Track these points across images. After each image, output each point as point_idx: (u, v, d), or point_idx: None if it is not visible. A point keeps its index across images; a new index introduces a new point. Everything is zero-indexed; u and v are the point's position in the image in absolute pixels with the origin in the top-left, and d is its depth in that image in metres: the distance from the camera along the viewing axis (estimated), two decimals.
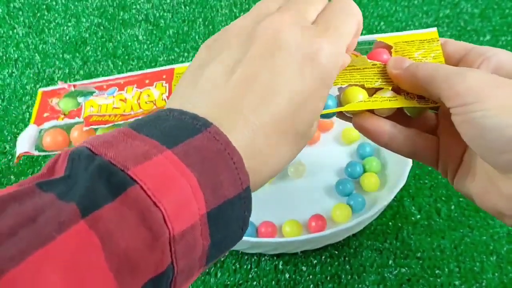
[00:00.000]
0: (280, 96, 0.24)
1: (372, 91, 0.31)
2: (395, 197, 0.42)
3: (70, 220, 0.18)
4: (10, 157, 0.49)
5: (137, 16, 0.61)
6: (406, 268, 0.41)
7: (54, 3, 0.62)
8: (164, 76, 0.35)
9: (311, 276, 0.41)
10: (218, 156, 0.21)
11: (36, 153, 0.34)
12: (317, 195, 0.45)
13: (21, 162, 0.48)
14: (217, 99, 0.24)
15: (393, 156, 0.46)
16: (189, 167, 0.20)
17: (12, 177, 0.47)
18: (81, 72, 0.56)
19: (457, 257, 0.42)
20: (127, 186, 0.19)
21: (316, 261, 0.42)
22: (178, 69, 0.35)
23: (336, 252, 0.42)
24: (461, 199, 0.45)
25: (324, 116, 0.32)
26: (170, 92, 0.34)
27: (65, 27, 0.60)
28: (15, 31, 0.60)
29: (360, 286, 0.41)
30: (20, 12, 0.62)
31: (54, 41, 0.59)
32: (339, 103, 0.32)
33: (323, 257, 0.42)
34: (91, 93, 0.35)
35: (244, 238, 0.39)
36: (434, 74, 0.27)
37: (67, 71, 0.56)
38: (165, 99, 0.34)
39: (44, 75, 0.56)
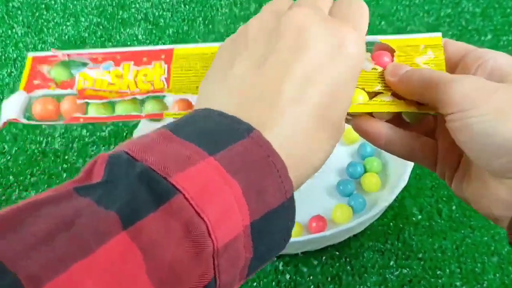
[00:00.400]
0: (315, 86, 0.23)
1: (372, 94, 0.31)
2: (396, 197, 0.42)
3: (111, 230, 0.17)
4: (9, 157, 0.49)
5: (136, 15, 0.61)
6: (408, 269, 0.41)
7: (53, 2, 0.62)
8: (162, 56, 0.34)
9: (311, 277, 0.41)
10: (261, 164, 0.21)
11: (25, 121, 0.32)
12: (318, 195, 0.45)
13: (20, 162, 0.48)
14: (248, 95, 0.23)
15: (394, 157, 0.45)
16: (233, 175, 0.20)
17: (10, 177, 0.47)
18: None
19: (458, 258, 0.42)
20: (171, 195, 0.18)
21: (316, 262, 0.42)
22: (177, 50, 0.33)
23: (337, 253, 0.42)
24: None
25: None
26: (169, 74, 0.33)
27: (64, 27, 0.60)
28: (14, 30, 0.60)
29: (361, 287, 0.40)
30: (19, 12, 0.61)
31: (53, 40, 0.59)
32: None
33: (324, 258, 0.42)
34: (85, 64, 0.34)
35: None
36: (429, 81, 0.27)
37: None
38: (163, 81, 0.33)
39: None
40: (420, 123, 0.32)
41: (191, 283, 0.18)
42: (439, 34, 0.31)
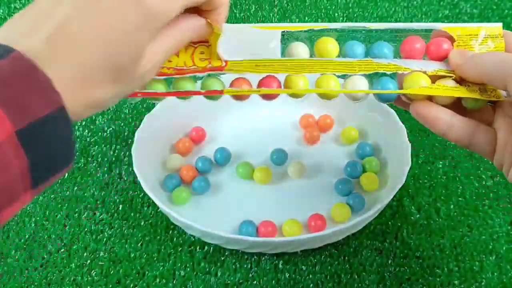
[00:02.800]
0: (95, 30, 0.25)
1: (434, 79, 0.32)
2: (394, 196, 0.42)
3: None
4: None
5: None
6: (406, 268, 0.42)
7: None
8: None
9: (311, 276, 0.41)
10: (23, 79, 0.23)
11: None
12: (317, 194, 0.45)
13: None
14: (33, 27, 0.25)
15: (393, 156, 0.46)
16: None
17: None
18: None
19: (456, 257, 0.42)
20: None
21: (316, 260, 0.42)
22: (231, 25, 0.33)
23: (336, 252, 0.43)
24: (460, 198, 0.46)
25: (384, 97, 0.33)
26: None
27: None
28: None
29: (359, 285, 0.41)
30: None
31: None
32: (400, 88, 0.32)
33: (323, 256, 0.42)
34: None
35: (244, 237, 0.39)
36: (502, 64, 0.28)
37: None
38: (220, 58, 0.33)
39: None
40: (479, 111, 0.32)
41: None
42: (500, 25, 0.31)
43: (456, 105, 0.32)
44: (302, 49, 0.34)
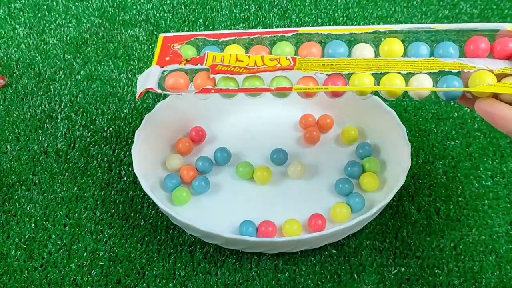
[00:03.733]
0: None
1: (500, 77, 0.32)
2: (394, 196, 0.42)
3: None
4: (11, 157, 0.49)
5: (137, 16, 0.62)
6: (406, 268, 0.42)
7: (54, 4, 0.63)
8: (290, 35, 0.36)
9: (311, 276, 0.41)
10: None
11: (159, 91, 0.36)
12: (317, 194, 0.45)
13: (22, 161, 0.49)
14: None
15: (392, 156, 0.46)
16: None
17: (13, 177, 0.48)
18: (82, 72, 0.57)
19: (456, 257, 0.42)
20: None
21: (316, 260, 0.42)
22: (302, 31, 0.36)
23: (336, 252, 0.43)
24: (460, 198, 0.46)
25: (449, 95, 0.33)
26: (295, 52, 0.36)
27: (66, 28, 0.60)
28: (16, 31, 0.60)
29: (359, 285, 0.41)
30: (21, 13, 0.62)
31: (55, 41, 0.59)
32: (466, 87, 0.32)
33: (323, 256, 0.42)
34: (213, 43, 0.37)
35: (244, 237, 0.39)
36: None
37: (68, 71, 0.57)
38: (289, 59, 0.35)
39: (45, 75, 0.56)
40: None
41: None
42: None
43: None
44: (367, 50, 0.34)
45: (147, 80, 0.36)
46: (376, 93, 0.46)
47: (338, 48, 0.35)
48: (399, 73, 0.33)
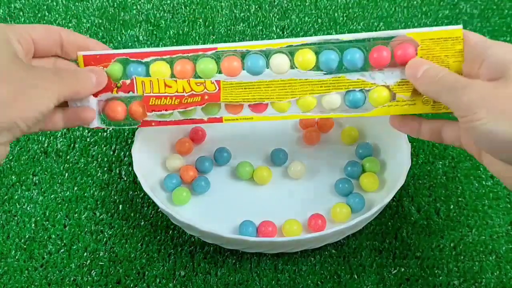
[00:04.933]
0: None
1: (396, 89, 0.37)
2: (394, 197, 0.42)
3: None
4: (11, 157, 0.49)
5: (137, 16, 0.62)
6: (405, 268, 0.42)
7: (54, 3, 0.63)
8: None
9: (311, 276, 0.41)
10: None
11: (105, 126, 0.40)
12: (317, 195, 0.45)
13: (22, 161, 0.49)
14: None
15: (392, 156, 0.46)
16: None
17: (13, 177, 0.48)
18: None
19: (456, 257, 0.42)
20: None
21: (315, 260, 0.42)
22: (220, 48, 0.38)
23: (336, 252, 0.43)
24: (460, 198, 0.46)
25: (353, 105, 0.38)
26: (218, 67, 0.38)
27: (66, 28, 0.60)
28: None
29: (359, 285, 0.41)
30: (21, 13, 0.62)
31: None
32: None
33: (323, 256, 0.42)
34: (137, 62, 0.38)
35: (244, 237, 0.39)
36: (441, 86, 0.33)
37: None
38: (214, 82, 0.38)
39: None
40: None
41: None
42: (460, 27, 0.34)
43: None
44: (283, 59, 0.38)
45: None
46: None
47: (257, 61, 0.38)
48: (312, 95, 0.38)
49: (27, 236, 0.44)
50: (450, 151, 0.49)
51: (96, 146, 0.50)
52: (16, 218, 0.45)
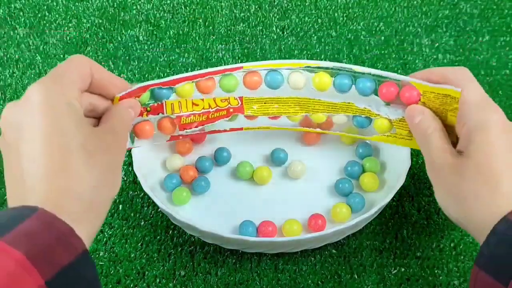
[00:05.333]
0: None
1: (397, 124, 0.41)
2: (394, 197, 0.42)
3: None
4: None
5: (137, 16, 0.62)
6: (406, 268, 0.42)
7: (54, 3, 0.63)
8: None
9: (311, 276, 0.41)
10: (47, 232, 0.25)
11: (133, 146, 0.43)
12: (317, 194, 0.45)
13: None
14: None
15: (392, 156, 0.46)
16: (14, 246, 0.24)
17: None
18: None
19: (456, 257, 0.42)
20: None
21: (316, 260, 0.42)
22: (246, 66, 0.41)
23: (336, 252, 0.43)
24: None
25: (360, 125, 0.44)
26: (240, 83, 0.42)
27: (66, 28, 0.60)
28: (16, 31, 0.60)
29: (360, 285, 0.41)
30: (21, 13, 0.62)
31: (55, 41, 0.59)
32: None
33: (323, 256, 0.42)
34: (167, 89, 0.40)
35: (244, 237, 0.39)
36: (424, 142, 0.37)
37: None
38: (237, 98, 0.43)
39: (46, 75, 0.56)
40: None
41: None
42: (459, 90, 0.36)
43: None
44: (300, 77, 0.42)
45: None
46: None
47: (276, 76, 0.42)
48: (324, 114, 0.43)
49: None
50: None
51: None
52: None
